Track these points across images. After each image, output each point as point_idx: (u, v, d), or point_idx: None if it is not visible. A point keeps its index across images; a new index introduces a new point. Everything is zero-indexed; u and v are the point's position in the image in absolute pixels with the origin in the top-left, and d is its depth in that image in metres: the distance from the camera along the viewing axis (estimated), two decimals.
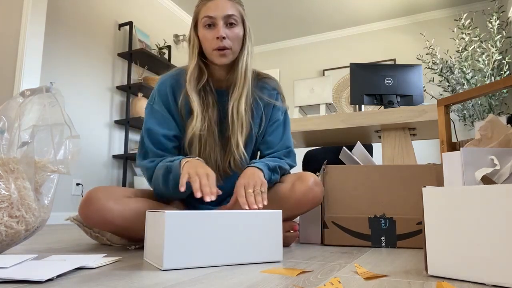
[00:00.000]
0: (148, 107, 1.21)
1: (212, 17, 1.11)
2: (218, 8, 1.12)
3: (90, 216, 1.02)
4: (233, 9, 1.14)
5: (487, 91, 1.17)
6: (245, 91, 1.17)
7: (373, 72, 2.05)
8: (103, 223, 1.02)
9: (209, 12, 1.11)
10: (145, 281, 0.64)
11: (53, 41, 2.95)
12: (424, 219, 0.71)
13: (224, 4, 1.12)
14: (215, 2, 1.12)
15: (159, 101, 1.19)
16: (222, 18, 1.11)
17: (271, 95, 1.25)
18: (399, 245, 1.17)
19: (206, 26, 1.12)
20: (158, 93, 1.19)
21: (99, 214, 1.01)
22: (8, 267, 0.70)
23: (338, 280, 0.63)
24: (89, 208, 1.01)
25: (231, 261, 0.80)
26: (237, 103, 1.17)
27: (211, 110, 1.17)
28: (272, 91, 1.26)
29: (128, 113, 3.49)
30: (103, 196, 1.03)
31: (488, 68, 3.38)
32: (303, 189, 1.12)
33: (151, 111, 1.19)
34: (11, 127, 0.96)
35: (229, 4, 1.13)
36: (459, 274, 0.65)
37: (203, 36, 1.13)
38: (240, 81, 1.17)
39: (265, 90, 1.24)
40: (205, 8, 1.13)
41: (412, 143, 1.89)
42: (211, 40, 1.12)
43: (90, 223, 1.04)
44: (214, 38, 1.11)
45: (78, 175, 3.07)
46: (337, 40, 4.98)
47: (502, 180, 0.77)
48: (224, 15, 1.11)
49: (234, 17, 1.13)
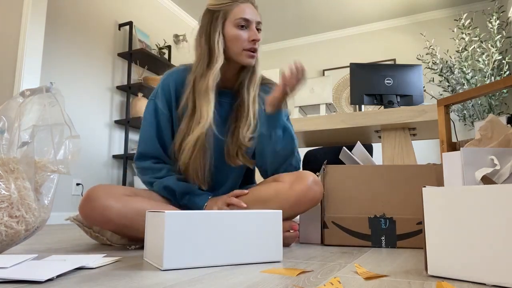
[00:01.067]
0: (151, 102, 1.23)
1: (248, 20, 1.17)
2: (252, 12, 1.19)
3: (90, 214, 1.02)
4: (259, 16, 1.23)
5: (487, 91, 1.17)
6: (257, 93, 1.25)
7: (373, 72, 2.05)
8: (103, 221, 1.03)
9: (245, 15, 1.17)
10: (145, 281, 0.64)
11: (53, 41, 2.95)
12: (424, 219, 0.71)
13: (255, 11, 1.22)
14: (248, 5, 1.19)
15: (162, 97, 1.21)
16: (255, 23, 1.19)
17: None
18: (399, 245, 1.17)
19: (239, 26, 1.17)
20: (161, 88, 1.22)
21: (99, 212, 1.01)
22: (8, 267, 0.70)
23: (338, 280, 0.63)
24: (89, 206, 1.01)
25: (231, 261, 0.80)
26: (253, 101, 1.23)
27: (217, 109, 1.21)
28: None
29: (128, 113, 3.49)
30: (103, 194, 1.03)
31: (488, 68, 3.38)
32: (302, 188, 1.12)
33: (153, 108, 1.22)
34: (11, 127, 0.96)
35: (256, 11, 1.22)
36: (459, 274, 0.65)
37: (234, 35, 1.17)
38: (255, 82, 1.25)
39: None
40: (238, 9, 1.17)
41: (412, 143, 1.89)
42: (244, 40, 1.17)
43: (90, 221, 1.04)
44: (248, 40, 1.17)
45: (78, 175, 3.07)
46: (337, 40, 4.98)
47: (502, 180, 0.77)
48: (257, 21, 1.20)
49: (261, 25, 1.23)
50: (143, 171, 1.23)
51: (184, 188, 1.17)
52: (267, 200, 1.14)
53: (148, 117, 1.22)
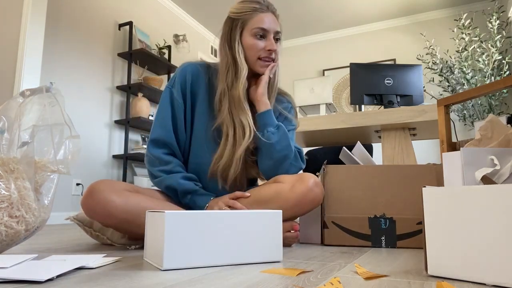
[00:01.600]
0: (167, 90, 1.23)
1: (266, 30, 1.18)
2: (271, 22, 1.19)
3: (93, 208, 1.02)
4: (279, 26, 1.22)
5: (487, 91, 1.17)
6: (273, 104, 1.26)
7: (373, 72, 2.05)
8: (105, 215, 1.03)
9: (263, 24, 1.18)
10: (145, 281, 0.64)
11: (53, 41, 2.95)
12: (424, 219, 0.71)
13: (274, 19, 1.21)
14: (267, 15, 1.19)
15: (178, 86, 1.22)
16: (273, 33, 1.19)
17: (286, 108, 1.33)
18: (399, 245, 1.17)
19: (256, 35, 1.18)
20: (178, 78, 1.23)
21: (102, 205, 1.01)
22: (8, 267, 0.70)
23: (338, 280, 0.63)
24: (92, 200, 1.02)
25: (231, 261, 0.80)
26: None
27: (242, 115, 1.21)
28: (287, 103, 1.34)
29: (128, 113, 3.49)
30: (106, 188, 1.03)
31: (488, 68, 3.38)
32: (303, 190, 1.12)
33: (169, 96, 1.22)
34: (11, 127, 0.96)
35: (276, 20, 1.22)
36: (459, 274, 0.65)
37: (251, 44, 1.18)
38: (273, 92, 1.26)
39: (281, 103, 1.32)
40: (257, 18, 1.18)
41: (412, 143, 1.89)
42: (259, 49, 1.18)
43: (92, 215, 1.04)
44: (264, 49, 1.18)
45: (78, 175, 3.07)
46: (337, 40, 4.98)
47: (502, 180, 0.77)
48: (275, 30, 1.20)
49: (280, 34, 1.23)
50: (151, 161, 1.22)
51: (187, 188, 1.17)
52: (268, 201, 1.14)
53: (164, 104, 1.22)
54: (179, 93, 1.21)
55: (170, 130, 1.20)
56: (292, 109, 1.35)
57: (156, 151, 1.20)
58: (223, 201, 1.15)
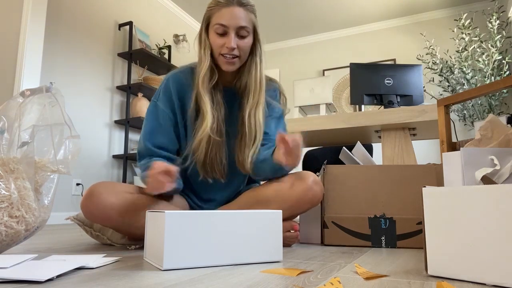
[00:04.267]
0: (152, 104, 1.21)
1: (225, 26, 1.12)
2: (232, 17, 1.11)
3: (92, 211, 1.02)
4: (246, 19, 1.13)
5: (487, 91, 1.17)
6: (261, 99, 1.20)
7: (373, 72, 2.05)
8: (104, 218, 1.03)
9: (222, 20, 1.11)
10: (145, 281, 0.64)
11: (53, 41, 2.95)
12: (424, 219, 0.71)
13: (238, 14, 1.12)
14: (229, 9, 1.11)
15: (163, 99, 1.20)
16: (234, 29, 1.12)
17: (272, 95, 1.29)
18: (399, 245, 1.17)
19: (218, 32, 1.13)
20: (163, 91, 1.21)
21: (101, 208, 1.01)
22: (8, 267, 0.70)
23: (338, 280, 0.63)
24: (91, 202, 1.01)
25: (231, 261, 0.80)
26: (254, 110, 1.19)
27: (219, 109, 1.19)
28: (274, 91, 1.30)
29: (128, 113, 3.49)
30: (105, 190, 1.03)
31: (488, 68, 3.38)
32: (303, 188, 1.12)
33: (154, 109, 1.20)
34: (11, 127, 0.96)
35: (243, 14, 1.13)
36: (459, 274, 0.65)
37: (213, 41, 1.15)
38: (256, 89, 1.19)
39: (267, 90, 1.27)
40: (219, 14, 1.12)
41: (412, 143, 1.89)
42: (219, 47, 1.14)
43: (91, 218, 1.04)
44: (224, 46, 1.13)
45: (78, 175, 3.07)
46: (337, 40, 4.98)
47: (502, 180, 0.77)
48: (237, 26, 1.12)
49: (246, 29, 1.14)
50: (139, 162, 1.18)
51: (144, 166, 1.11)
52: (268, 200, 1.14)
53: (149, 116, 1.20)
54: (166, 105, 1.19)
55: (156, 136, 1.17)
56: (278, 95, 1.31)
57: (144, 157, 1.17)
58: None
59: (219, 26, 1.12)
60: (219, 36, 1.13)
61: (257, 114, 1.19)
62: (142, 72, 3.72)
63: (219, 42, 1.13)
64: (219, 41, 1.13)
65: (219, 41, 1.13)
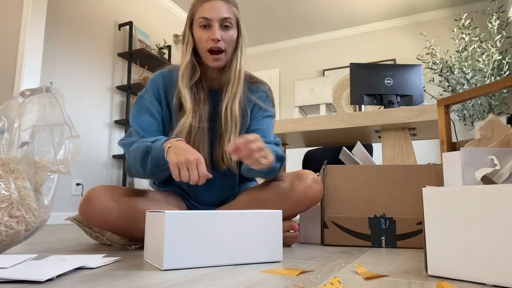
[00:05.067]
0: (138, 97, 1.20)
1: (208, 19, 1.13)
2: (215, 10, 1.13)
3: (90, 216, 1.02)
4: (229, 12, 1.15)
5: (487, 91, 1.17)
6: (239, 92, 1.19)
7: (373, 72, 2.05)
8: (103, 222, 1.02)
9: (205, 14, 1.13)
10: (145, 281, 0.64)
11: (53, 41, 2.95)
12: (424, 219, 0.71)
13: (220, 7, 1.14)
14: (211, 3, 1.14)
15: (150, 93, 1.19)
16: (218, 21, 1.13)
17: (261, 97, 1.27)
18: (399, 245, 1.17)
19: (201, 26, 1.14)
20: (150, 86, 1.20)
21: (99, 213, 1.01)
22: (8, 267, 0.70)
23: (338, 280, 0.63)
24: (89, 207, 1.01)
25: (231, 261, 0.80)
26: (231, 102, 1.18)
27: (202, 106, 1.18)
28: (262, 93, 1.28)
29: (128, 113, 3.49)
30: (103, 195, 1.02)
31: (488, 68, 3.38)
32: (303, 187, 1.12)
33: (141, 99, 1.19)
34: (11, 127, 0.96)
35: (225, 7, 1.15)
36: (459, 274, 0.65)
37: (198, 36, 1.15)
38: (234, 81, 1.18)
39: (255, 93, 1.26)
40: (201, 8, 1.14)
41: (412, 143, 1.89)
42: (206, 40, 1.14)
43: (89, 222, 1.04)
44: (209, 39, 1.13)
45: (78, 175, 3.07)
46: (337, 40, 4.98)
47: (502, 180, 0.77)
48: (220, 18, 1.13)
49: (229, 20, 1.15)
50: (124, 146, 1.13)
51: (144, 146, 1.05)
52: (267, 200, 1.14)
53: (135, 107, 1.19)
54: (152, 97, 1.18)
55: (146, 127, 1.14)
56: (267, 98, 1.29)
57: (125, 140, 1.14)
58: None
59: (203, 20, 1.13)
60: (203, 29, 1.14)
61: (233, 107, 1.17)
62: (142, 72, 3.72)
63: (203, 36, 1.14)
64: (204, 35, 1.14)
65: (204, 35, 1.14)
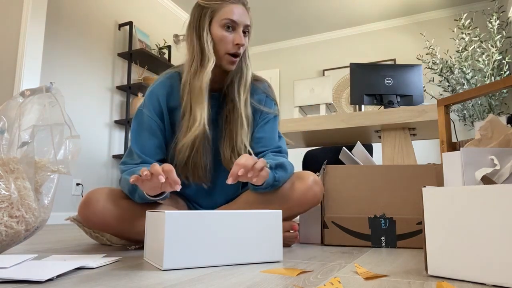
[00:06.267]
0: (138, 111, 1.16)
1: (235, 22, 1.10)
2: (241, 15, 1.11)
3: (89, 218, 1.01)
4: (249, 19, 1.14)
5: (487, 91, 1.17)
6: (248, 96, 1.18)
7: (373, 72, 2.05)
8: (102, 225, 1.02)
9: (232, 16, 1.10)
10: (145, 281, 0.64)
11: (53, 41, 2.95)
12: (424, 219, 0.71)
13: (244, 12, 1.13)
14: (237, 6, 1.12)
15: (149, 107, 1.14)
16: (243, 26, 1.12)
17: (260, 100, 1.23)
18: (399, 245, 1.17)
19: (225, 27, 1.10)
20: (148, 100, 1.15)
21: (99, 215, 1.01)
22: (8, 267, 0.70)
23: (338, 280, 0.63)
24: (88, 210, 1.01)
25: (231, 261, 0.80)
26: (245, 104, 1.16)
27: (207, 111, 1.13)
28: (261, 94, 1.23)
29: (128, 113, 3.49)
30: (102, 197, 1.02)
31: (488, 68, 3.38)
32: (303, 188, 1.12)
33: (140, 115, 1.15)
34: (11, 127, 0.96)
35: (246, 13, 1.14)
36: (459, 274, 0.65)
37: (220, 36, 1.10)
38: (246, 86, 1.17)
39: (254, 95, 1.22)
40: (227, 9, 1.10)
41: (412, 143, 1.89)
42: (228, 43, 1.10)
43: (89, 225, 1.04)
44: (232, 43, 1.10)
45: (78, 175, 3.07)
46: (337, 40, 4.98)
47: (502, 180, 0.77)
48: (245, 24, 1.12)
49: (249, 28, 1.15)
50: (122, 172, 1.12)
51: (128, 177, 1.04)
52: (267, 200, 1.14)
53: (134, 123, 1.15)
54: (152, 113, 1.13)
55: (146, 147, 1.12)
56: (267, 98, 1.24)
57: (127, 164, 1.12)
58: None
59: (229, 21, 1.10)
60: (227, 31, 1.10)
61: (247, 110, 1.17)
62: (142, 72, 3.72)
63: (228, 37, 1.10)
64: (228, 36, 1.10)
65: (228, 37, 1.10)
